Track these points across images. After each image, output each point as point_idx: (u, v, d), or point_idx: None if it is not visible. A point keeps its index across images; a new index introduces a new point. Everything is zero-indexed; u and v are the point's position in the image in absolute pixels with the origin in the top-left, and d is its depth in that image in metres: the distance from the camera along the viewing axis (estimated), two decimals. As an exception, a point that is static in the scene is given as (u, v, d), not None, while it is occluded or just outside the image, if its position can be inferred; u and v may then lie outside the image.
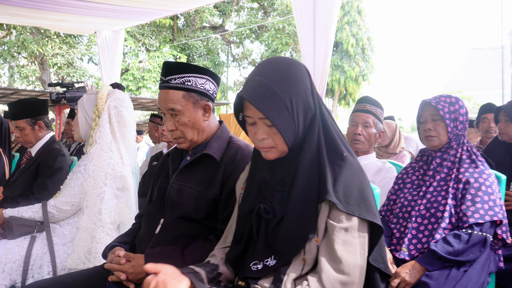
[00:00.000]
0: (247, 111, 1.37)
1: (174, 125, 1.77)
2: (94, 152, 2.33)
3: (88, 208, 2.27)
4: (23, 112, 2.93)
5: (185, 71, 1.73)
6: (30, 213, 2.34)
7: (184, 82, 1.73)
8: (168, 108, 1.74)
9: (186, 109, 1.74)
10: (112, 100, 2.45)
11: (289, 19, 17.64)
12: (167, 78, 1.74)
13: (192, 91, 1.74)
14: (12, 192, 2.91)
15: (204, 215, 1.71)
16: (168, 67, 1.76)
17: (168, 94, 1.73)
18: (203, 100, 1.77)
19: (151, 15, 8.92)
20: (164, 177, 1.88)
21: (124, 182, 2.39)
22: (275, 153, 1.37)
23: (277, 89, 1.29)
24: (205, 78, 1.77)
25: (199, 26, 20.34)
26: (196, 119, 1.77)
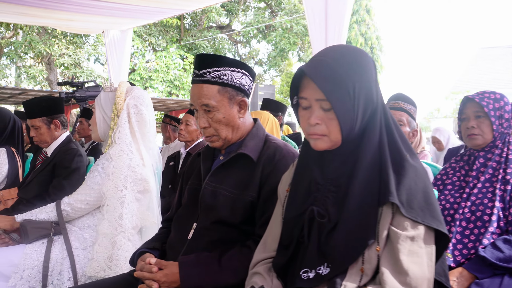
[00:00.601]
0: (303, 91, 1.26)
1: (208, 122, 1.65)
2: (113, 154, 2.22)
3: (108, 213, 2.16)
4: (38, 111, 2.83)
5: (220, 64, 1.62)
6: (44, 214, 2.24)
7: (219, 76, 1.61)
8: (202, 104, 1.62)
9: (221, 105, 1.62)
10: (131, 98, 2.33)
11: (297, 18, 17.51)
12: (201, 72, 1.62)
13: (227, 85, 1.62)
14: (27, 193, 2.81)
15: (241, 219, 1.59)
16: (202, 59, 1.64)
17: (202, 89, 1.62)
18: (239, 95, 1.66)
19: (159, 15, 8.84)
20: (195, 178, 1.76)
21: (146, 185, 2.28)
22: (326, 142, 1.25)
23: (341, 72, 1.20)
24: (242, 72, 1.65)
25: (205, 26, 20.23)
26: (231, 115, 1.65)
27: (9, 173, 3.35)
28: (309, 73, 1.21)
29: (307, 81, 1.25)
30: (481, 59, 29.74)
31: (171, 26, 18.63)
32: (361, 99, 1.22)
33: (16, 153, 3.44)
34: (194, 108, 1.69)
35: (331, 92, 1.19)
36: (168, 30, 18.76)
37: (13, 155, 3.40)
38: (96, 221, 2.27)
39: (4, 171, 3.32)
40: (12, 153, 3.40)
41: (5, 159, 3.34)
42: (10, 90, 12.28)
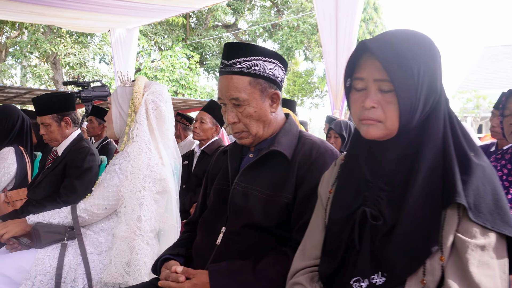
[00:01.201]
0: (360, 71, 1.14)
1: (237, 117, 1.51)
2: (131, 152, 2.08)
3: (126, 215, 2.02)
4: (49, 107, 2.70)
5: (251, 53, 1.48)
6: (58, 219, 2.09)
7: (250, 66, 1.47)
8: (231, 98, 1.48)
9: (252, 98, 1.48)
10: (149, 93, 2.20)
11: (304, 16, 17.34)
12: (230, 62, 1.48)
13: (259, 77, 1.48)
14: (37, 194, 2.68)
15: (275, 223, 1.45)
16: (231, 48, 1.50)
17: (232, 81, 1.48)
18: (271, 88, 1.52)
19: (166, 13, 8.74)
20: (222, 178, 1.62)
21: (164, 185, 2.14)
22: (380, 129, 1.12)
23: (407, 52, 1.07)
24: (274, 62, 1.51)
25: (211, 25, 20.09)
26: (262, 110, 1.51)
27: (18, 173, 3.23)
28: (373, 47, 1.08)
29: (366, 60, 1.13)
30: (487, 58, 29.51)
31: (177, 25, 18.52)
32: (424, 86, 1.09)
33: (24, 152, 3.32)
34: (222, 102, 1.55)
35: (394, 72, 1.06)
36: (174, 29, 18.65)
37: (21, 154, 3.27)
38: (111, 224, 2.13)
39: (12, 171, 3.19)
40: (21, 152, 3.28)
41: (13, 158, 3.22)
42: (16, 89, 12.17)
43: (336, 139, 3.76)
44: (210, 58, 20.04)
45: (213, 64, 19.65)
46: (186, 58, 18.24)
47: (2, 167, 3.15)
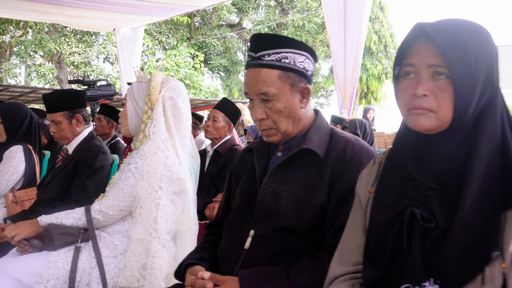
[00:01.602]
0: (412, 57, 1.05)
1: (265, 113, 1.42)
2: (148, 150, 1.99)
3: (142, 216, 1.93)
4: (59, 105, 2.61)
5: (281, 45, 1.38)
6: (72, 220, 2.00)
7: (280, 59, 1.38)
8: (260, 92, 1.39)
9: (282, 93, 1.39)
10: (166, 89, 2.11)
11: (309, 16, 17.25)
12: (258, 54, 1.39)
13: (289, 70, 1.39)
14: (47, 194, 2.59)
15: (309, 226, 1.36)
16: (259, 40, 1.41)
17: (260, 74, 1.38)
18: (301, 82, 1.42)
19: (172, 11, 8.66)
20: (248, 178, 1.53)
21: (182, 185, 2.05)
22: (431, 120, 1.03)
23: (466, 40, 0.99)
24: (304, 55, 1.42)
25: (216, 24, 20.02)
26: (292, 105, 1.42)
27: (26, 172, 3.14)
28: (430, 30, 1.00)
29: (419, 45, 1.04)
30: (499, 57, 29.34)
31: (182, 24, 18.45)
32: (481, 77, 1.00)
33: (33, 151, 3.23)
34: (249, 97, 1.45)
35: (452, 57, 0.98)
36: (178, 28, 18.58)
37: (30, 153, 3.19)
38: (127, 226, 2.04)
39: (21, 170, 3.11)
40: (29, 151, 3.19)
41: (22, 157, 3.13)
42: (21, 88, 12.11)
43: None
44: (215, 57, 19.96)
45: (217, 63, 19.59)
46: (191, 57, 18.17)
47: (10, 166, 3.07)
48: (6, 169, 3.06)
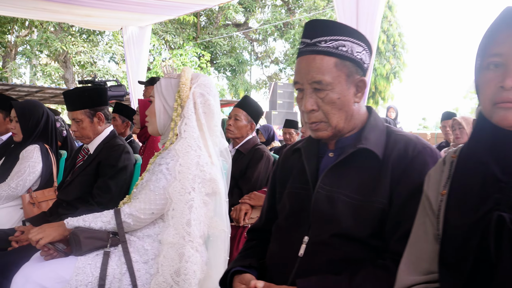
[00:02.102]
0: (500, 46, 0.97)
1: (316, 103, 1.31)
2: (180, 150, 1.88)
3: (174, 218, 1.83)
4: (80, 102, 2.52)
5: (338, 32, 1.29)
6: (100, 223, 1.90)
7: (337, 46, 1.28)
8: (313, 81, 1.29)
9: (337, 82, 1.29)
10: (197, 86, 2.00)
11: (316, 15, 17.11)
12: (314, 40, 1.29)
13: (347, 59, 1.29)
14: (68, 195, 2.49)
15: (370, 232, 1.25)
16: (315, 26, 1.32)
17: (315, 61, 1.28)
18: (358, 73, 1.32)
19: (179, 10, 8.57)
20: (297, 181, 1.42)
21: (214, 186, 1.94)
22: None
23: None
24: (362, 46, 1.32)
25: (221, 23, 19.92)
26: (346, 97, 1.31)
27: (43, 172, 3.04)
28: None
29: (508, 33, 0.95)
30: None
31: (188, 24, 18.36)
32: None
33: (50, 151, 3.14)
34: (299, 86, 1.35)
35: None
36: (184, 27, 18.49)
37: (47, 153, 3.09)
38: (157, 230, 1.94)
39: (38, 170, 3.01)
40: (46, 151, 3.10)
41: (39, 157, 3.03)
42: (27, 88, 12.06)
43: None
44: (221, 57, 19.87)
45: (223, 63, 19.48)
46: (197, 57, 18.08)
47: (27, 166, 2.97)
48: (23, 169, 2.96)
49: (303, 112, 1.36)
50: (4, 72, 18.92)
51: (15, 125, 3.12)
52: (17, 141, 3.15)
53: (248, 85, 20.21)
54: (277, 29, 19.29)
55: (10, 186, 2.91)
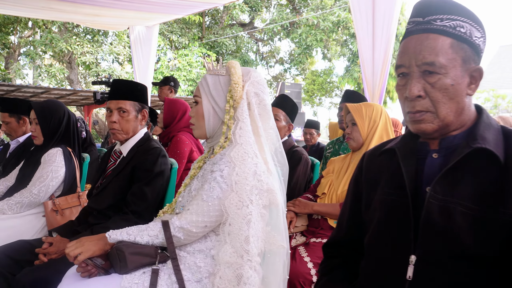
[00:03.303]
0: None
1: (424, 89, 1.13)
2: (236, 157, 1.68)
3: (231, 235, 1.62)
4: (131, 93, 2.37)
5: (456, 12, 1.12)
6: (147, 237, 1.69)
7: (455, 26, 1.10)
8: (424, 62, 1.11)
9: (451, 66, 1.11)
10: (250, 84, 1.80)
11: (324, 14, 16.91)
12: (427, 18, 1.12)
13: (465, 41, 1.11)
14: (100, 203, 2.30)
15: (498, 251, 1.04)
16: (429, 3, 1.14)
17: (428, 40, 1.11)
18: (474, 61, 1.14)
19: (187, 9, 8.40)
20: (391, 186, 1.22)
21: (272, 197, 1.73)
22: None
23: None
24: (481, 32, 1.14)
25: (227, 23, 19.73)
26: (460, 86, 1.13)
27: (66, 177, 2.85)
28: None
29: None
30: (503, 57, 28.99)
31: (193, 24, 18.16)
32: None
33: (72, 154, 2.94)
34: (403, 70, 1.16)
35: None
36: (190, 27, 18.28)
37: (69, 157, 2.90)
38: (209, 244, 1.73)
39: (61, 175, 2.82)
40: (69, 154, 2.90)
41: (62, 161, 2.84)
42: (33, 89, 11.86)
43: None
44: (226, 57, 19.67)
45: (229, 63, 19.26)
46: (202, 57, 17.88)
47: (49, 171, 2.78)
48: (45, 174, 2.77)
49: (405, 99, 1.17)
50: (7, 73, 18.74)
51: (35, 127, 2.93)
52: (38, 144, 2.95)
53: (254, 85, 19.95)
54: (283, 28, 19.08)
55: (32, 193, 2.72)
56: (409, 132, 1.26)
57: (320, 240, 2.28)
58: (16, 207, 2.70)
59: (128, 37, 15.99)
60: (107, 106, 2.35)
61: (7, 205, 2.69)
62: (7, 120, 3.56)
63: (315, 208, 2.39)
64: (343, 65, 19.32)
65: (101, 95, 5.05)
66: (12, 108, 3.54)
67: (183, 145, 3.23)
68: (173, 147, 3.23)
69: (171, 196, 2.33)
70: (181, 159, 3.15)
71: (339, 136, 3.83)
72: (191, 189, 1.79)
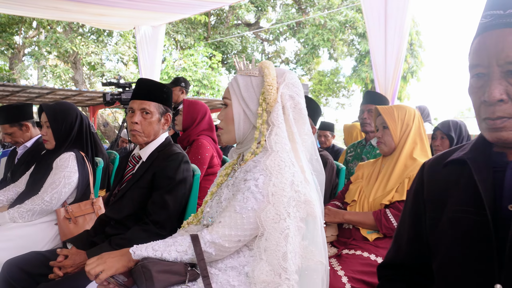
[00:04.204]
0: None
1: (507, 92, 1.00)
2: (272, 166, 1.53)
3: (268, 252, 1.48)
4: (156, 95, 2.25)
5: None
6: (175, 253, 1.55)
7: None
8: (507, 61, 0.98)
9: None
10: (285, 86, 1.66)
11: (331, 14, 16.73)
12: (509, 11, 0.99)
13: None
14: (120, 212, 2.16)
15: None
16: None
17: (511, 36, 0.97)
18: None
19: (194, 8, 8.32)
20: (464, 203, 1.07)
21: (309, 209, 1.58)
22: None
23: None
24: None
25: (232, 23, 19.59)
26: None
27: (79, 183, 2.71)
28: None
29: None
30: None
31: (199, 24, 18.03)
32: None
33: (86, 159, 2.80)
34: (480, 71, 1.02)
35: None
36: (195, 27, 18.16)
37: (83, 162, 2.76)
38: (243, 260, 1.59)
39: (74, 181, 2.68)
40: (82, 159, 2.77)
41: (74, 166, 2.70)
42: (39, 89, 11.75)
43: (442, 140, 3.22)
44: (232, 57, 19.53)
45: (235, 63, 19.11)
46: (208, 57, 17.75)
47: (62, 177, 2.64)
48: (57, 180, 2.63)
49: (481, 103, 1.03)
50: (11, 74, 18.67)
51: (47, 130, 2.79)
52: (49, 149, 2.82)
53: (260, 85, 19.77)
54: (289, 28, 18.92)
55: (44, 200, 2.58)
56: (481, 140, 1.12)
57: (354, 252, 2.13)
58: (27, 215, 2.57)
59: (133, 37, 15.93)
60: (130, 106, 2.22)
61: (18, 213, 2.56)
62: (10, 131, 3.43)
63: (346, 217, 2.24)
64: (349, 65, 19.13)
65: (110, 96, 4.91)
66: (10, 118, 3.42)
67: (205, 150, 3.07)
68: (194, 151, 3.08)
69: (194, 204, 2.19)
70: (202, 164, 3.00)
71: (361, 139, 3.69)
72: (221, 199, 1.65)
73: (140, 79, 2.27)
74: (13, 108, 3.41)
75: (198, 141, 3.13)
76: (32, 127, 3.47)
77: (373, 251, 2.11)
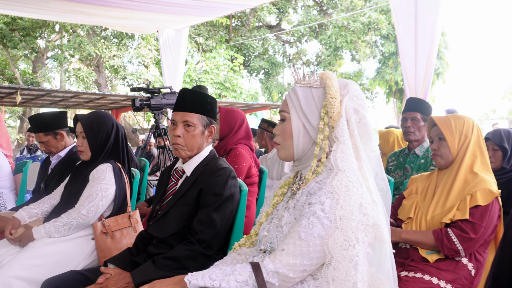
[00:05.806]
0: None
1: None
2: (339, 187, 1.40)
3: (337, 281, 1.34)
4: (201, 106, 2.12)
5: None
6: (234, 283, 1.42)
7: None
8: None
9: None
10: (348, 98, 1.52)
11: (354, 15, 16.52)
12: None
13: None
14: (163, 231, 2.04)
15: None
16: None
17: None
18: None
19: (217, 11, 8.24)
20: None
21: (377, 233, 1.45)
22: None
23: None
24: None
25: (253, 25, 19.50)
26: None
27: (116, 196, 2.61)
28: None
29: None
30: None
31: (220, 26, 17.99)
32: None
33: (123, 171, 2.70)
34: None
35: None
36: (217, 30, 18.12)
37: (120, 173, 2.66)
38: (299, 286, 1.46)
39: (111, 194, 2.58)
40: (119, 171, 2.67)
41: (112, 178, 2.61)
42: (63, 93, 11.82)
43: (494, 152, 2.99)
44: (254, 59, 19.42)
45: (256, 66, 19.01)
46: (230, 60, 17.69)
47: (99, 190, 2.54)
48: (94, 193, 2.54)
49: None
50: (35, 77, 18.89)
51: (82, 141, 2.70)
52: (85, 160, 2.73)
53: (282, 87, 19.67)
54: (312, 30, 18.74)
55: (81, 213, 2.49)
56: None
57: (413, 274, 1.98)
58: (63, 229, 2.48)
59: (155, 40, 15.97)
60: (172, 118, 2.10)
61: (54, 227, 2.47)
62: (44, 139, 3.29)
63: (403, 236, 2.09)
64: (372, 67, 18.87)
65: (140, 102, 4.83)
66: (45, 126, 3.30)
67: (243, 160, 2.94)
68: (231, 162, 2.94)
69: (241, 222, 2.07)
70: (239, 175, 2.87)
71: (404, 147, 3.52)
72: (281, 223, 1.52)
73: (182, 89, 2.16)
74: (47, 116, 3.32)
75: (236, 150, 3.00)
76: (66, 135, 3.37)
77: (434, 274, 1.96)
